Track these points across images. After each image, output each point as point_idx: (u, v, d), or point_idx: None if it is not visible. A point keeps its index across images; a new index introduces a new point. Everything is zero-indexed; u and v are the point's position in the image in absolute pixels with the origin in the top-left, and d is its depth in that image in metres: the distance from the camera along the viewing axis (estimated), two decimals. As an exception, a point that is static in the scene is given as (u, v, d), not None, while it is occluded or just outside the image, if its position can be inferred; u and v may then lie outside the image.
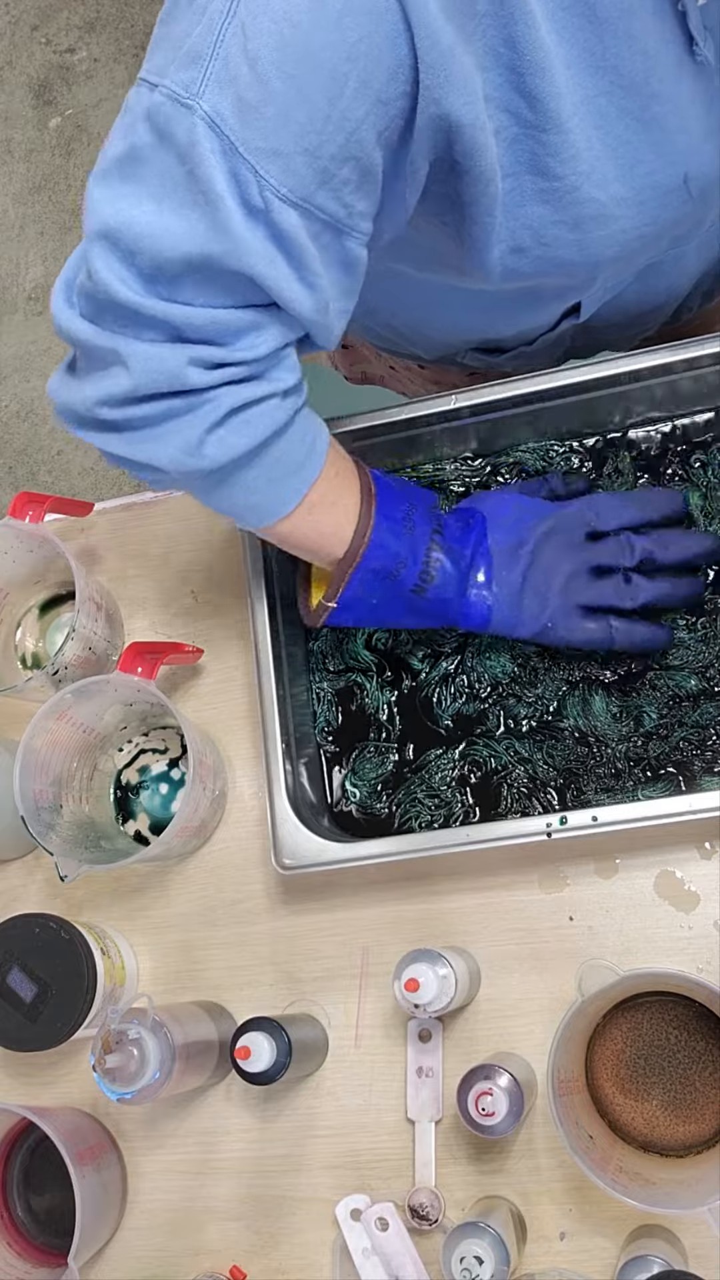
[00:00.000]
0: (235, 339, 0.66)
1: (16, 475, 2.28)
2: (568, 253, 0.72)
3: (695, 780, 0.85)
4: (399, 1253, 0.80)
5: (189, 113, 0.58)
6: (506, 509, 0.86)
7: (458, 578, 0.83)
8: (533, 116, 0.63)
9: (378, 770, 0.92)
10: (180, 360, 0.65)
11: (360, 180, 0.61)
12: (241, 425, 0.69)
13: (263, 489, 0.74)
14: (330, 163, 0.59)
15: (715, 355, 0.86)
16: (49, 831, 0.86)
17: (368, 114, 0.58)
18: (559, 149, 0.65)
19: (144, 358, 0.65)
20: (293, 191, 0.60)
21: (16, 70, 2.55)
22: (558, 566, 0.84)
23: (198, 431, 0.68)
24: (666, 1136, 0.80)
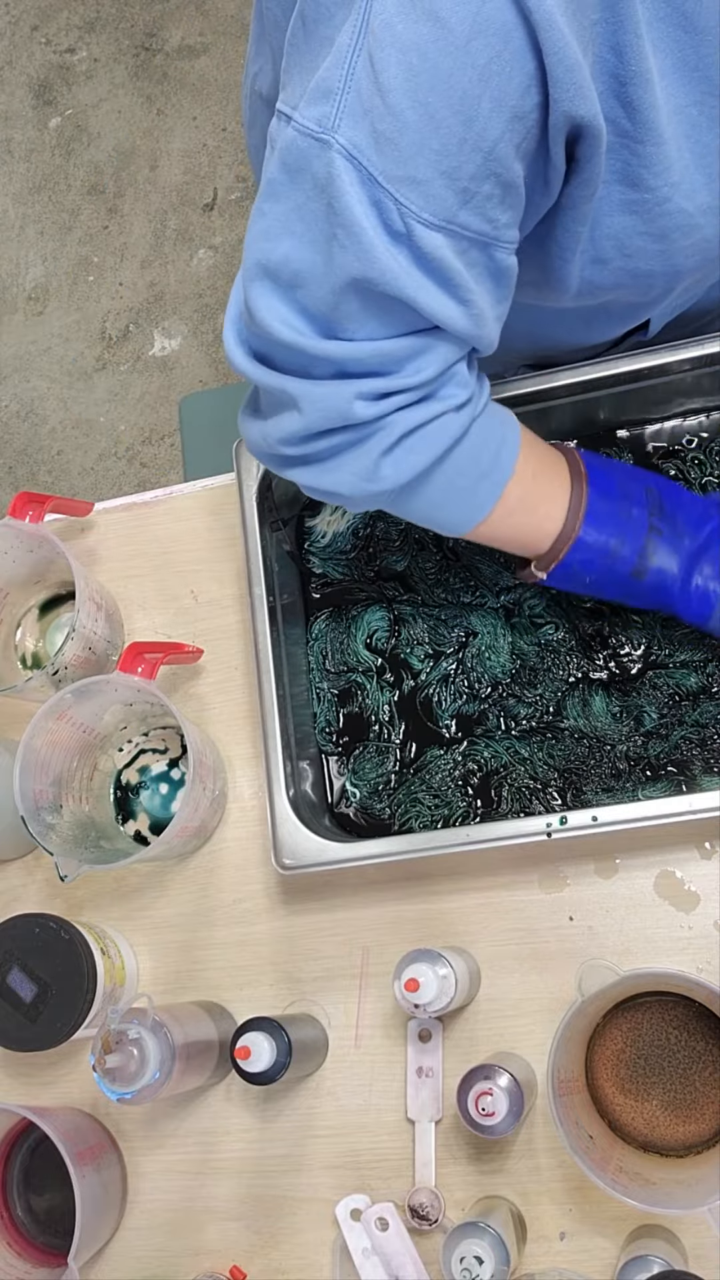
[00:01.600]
0: (400, 367, 0.67)
1: (16, 475, 2.28)
2: (650, 264, 0.72)
3: (695, 780, 0.85)
4: (399, 1253, 0.80)
5: (325, 147, 0.59)
6: None
7: (680, 567, 0.80)
8: (630, 126, 0.63)
9: (378, 770, 0.92)
10: (347, 396, 0.66)
11: (503, 194, 0.61)
12: (416, 444, 0.70)
13: (451, 500, 0.75)
14: (470, 182, 0.59)
15: (715, 355, 0.86)
16: (49, 831, 0.86)
17: (504, 130, 0.58)
18: (653, 160, 0.65)
19: (312, 397, 0.66)
20: (435, 215, 0.60)
21: (16, 70, 2.55)
22: None
23: (372, 457, 0.69)
24: (666, 1136, 0.80)
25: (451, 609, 0.93)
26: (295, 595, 0.96)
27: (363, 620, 0.95)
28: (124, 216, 2.39)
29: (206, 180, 2.38)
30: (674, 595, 0.81)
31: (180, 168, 2.39)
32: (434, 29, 0.56)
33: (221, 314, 2.29)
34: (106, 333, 2.33)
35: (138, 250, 2.36)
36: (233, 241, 2.32)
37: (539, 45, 0.56)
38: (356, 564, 0.97)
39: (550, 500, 0.78)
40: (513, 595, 0.92)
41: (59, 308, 2.37)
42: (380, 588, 0.96)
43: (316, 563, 0.98)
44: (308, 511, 0.99)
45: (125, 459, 2.24)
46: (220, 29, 2.46)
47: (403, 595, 0.95)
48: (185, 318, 2.30)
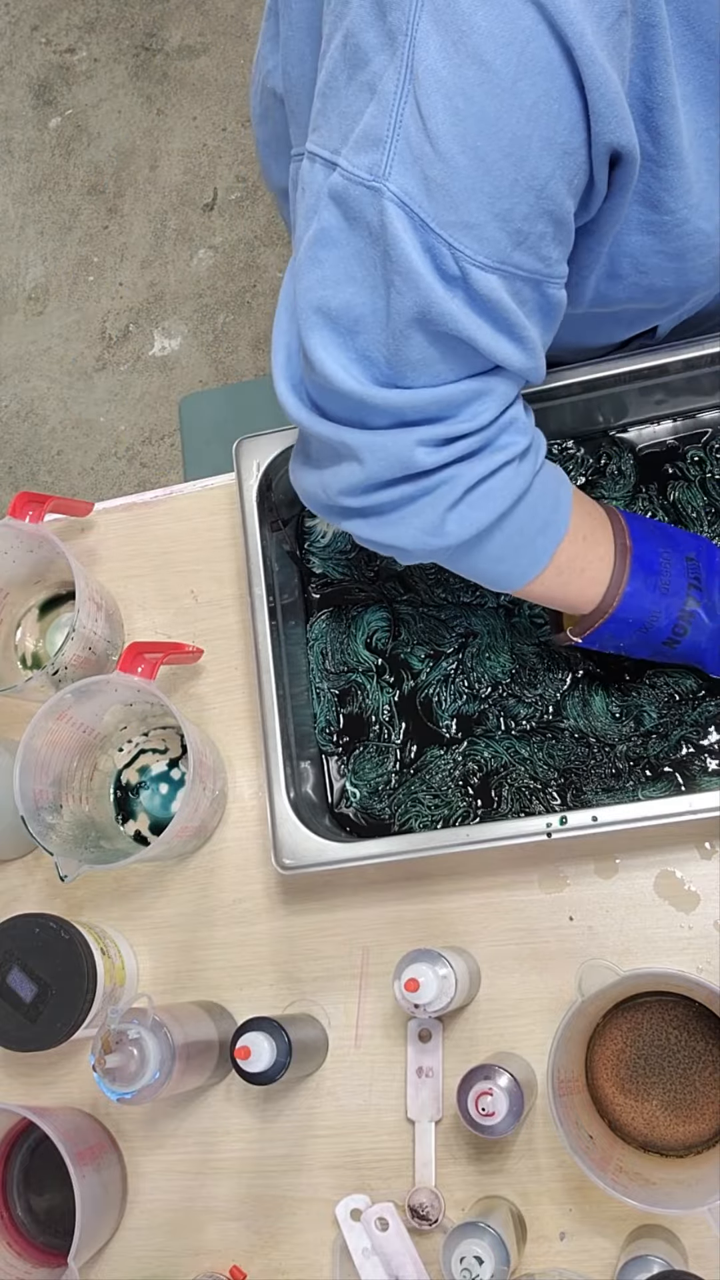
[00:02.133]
0: (458, 411, 0.66)
1: (16, 475, 2.28)
2: (664, 280, 0.72)
3: (695, 779, 0.85)
4: (399, 1253, 0.80)
5: (377, 195, 0.59)
6: None
7: (713, 629, 0.81)
8: (654, 150, 0.63)
9: (378, 770, 0.92)
10: (408, 445, 0.66)
11: (556, 231, 0.62)
12: (482, 499, 0.69)
13: (509, 556, 0.74)
14: (524, 223, 0.60)
15: (714, 355, 0.86)
16: (49, 831, 0.86)
17: (555, 168, 0.59)
18: (674, 183, 0.65)
19: (373, 447, 0.66)
20: (489, 258, 0.60)
21: (16, 70, 2.55)
22: None
23: (438, 512, 0.69)
24: (666, 1136, 0.80)
25: (451, 609, 0.93)
26: (295, 595, 0.96)
27: (363, 620, 0.95)
28: (124, 216, 2.39)
29: (206, 180, 2.38)
30: (707, 656, 0.82)
31: (180, 168, 2.40)
32: (479, 72, 0.55)
33: (221, 314, 2.29)
34: (106, 333, 2.33)
35: (138, 250, 2.36)
36: (232, 241, 2.32)
37: (582, 81, 0.56)
38: (356, 564, 0.97)
39: (597, 564, 0.78)
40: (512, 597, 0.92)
41: (59, 308, 2.37)
42: (380, 588, 0.96)
43: (316, 563, 0.98)
44: (308, 512, 0.99)
45: (125, 459, 2.24)
46: (220, 29, 2.46)
47: (403, 595, 0.95)
48: (185, 318, 2.30)
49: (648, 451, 0.93)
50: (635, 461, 0.93)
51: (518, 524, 0.72)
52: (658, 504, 0.92)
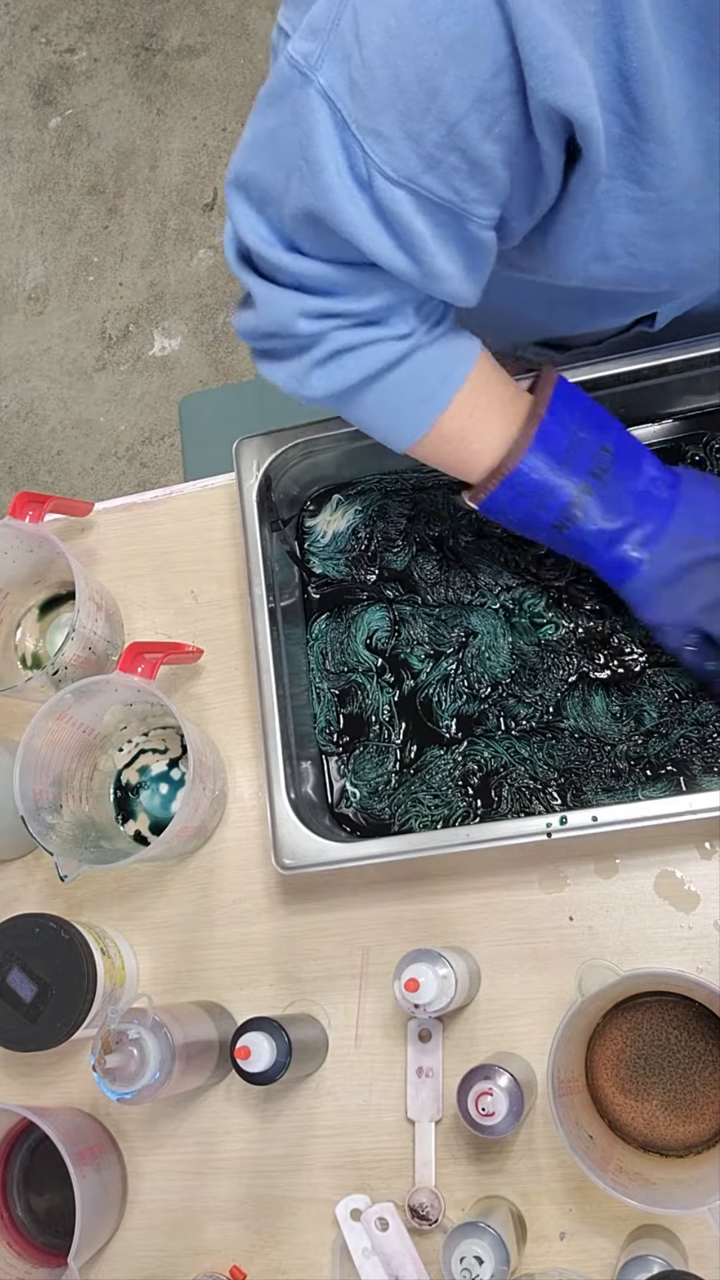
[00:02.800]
0: (345, 293, 0.70)
1: (16, 475, 2.28)
2: (655, 265, 0.72)
3: (695, 779, 0.85)
4: (399, 1253, 0.80)
5: (307, 82, 0.61)
6: (708, 500, 0.82)
7: (606, 530, 0.80)
8: (635, 123, 0.62)
9: (378, 770, 0.92)
10: (292, 310, 0.70)
11: (471, 170, 0.62)
12: (349, 361, 0.73)
13: (384, 418, 0.78)
14: (435, 150, 0.61)
15: (714, 355, 0.86)
16: (49, 831, 0.86)
17: (470, 110, 0.59)
18: (659, 159, 0.64)
19: (266, 301, 0.71)
20: (396, 172, 0.61)
21: (16, 70, 2.55)
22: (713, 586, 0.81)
23: (305, 366, 0.73)
24: (666, 1136, 0.80)
25: (451, 609, 0.93)
26: (295, 595, 0.96)
27: (363, 620, 0.95)
28: (124, 216, 2.39)
29: (206, 180, 2.38)
30: (594, 555, 0.82)
31: (180, 168, 2.40)
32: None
33: (221, 314, 2.29)
34: (106, 333, 2.33)
35: (138, 250, 2.36)
36: (233, 241, 2.32)
37: (513, 31, 0.56)
38: (356, 564, 0.97)
39: (488, 438, 0.79)
40: (513, 595, 0.92)
41: (59, 308, 2.37)
42: (380, 588, 0.96)
43: (316, 563, 0.98)
44: (308, 511, 0.99)
45: (125, 459, 2.24)
46: (220, 29, 2.46)
47: (403, 595, 0.95)
48: (185, 318, 2.30)
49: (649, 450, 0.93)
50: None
51: (389, 389, 0.76)
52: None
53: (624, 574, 0.82)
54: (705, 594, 0.81)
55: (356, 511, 0.98)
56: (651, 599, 0.82)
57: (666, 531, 0.81)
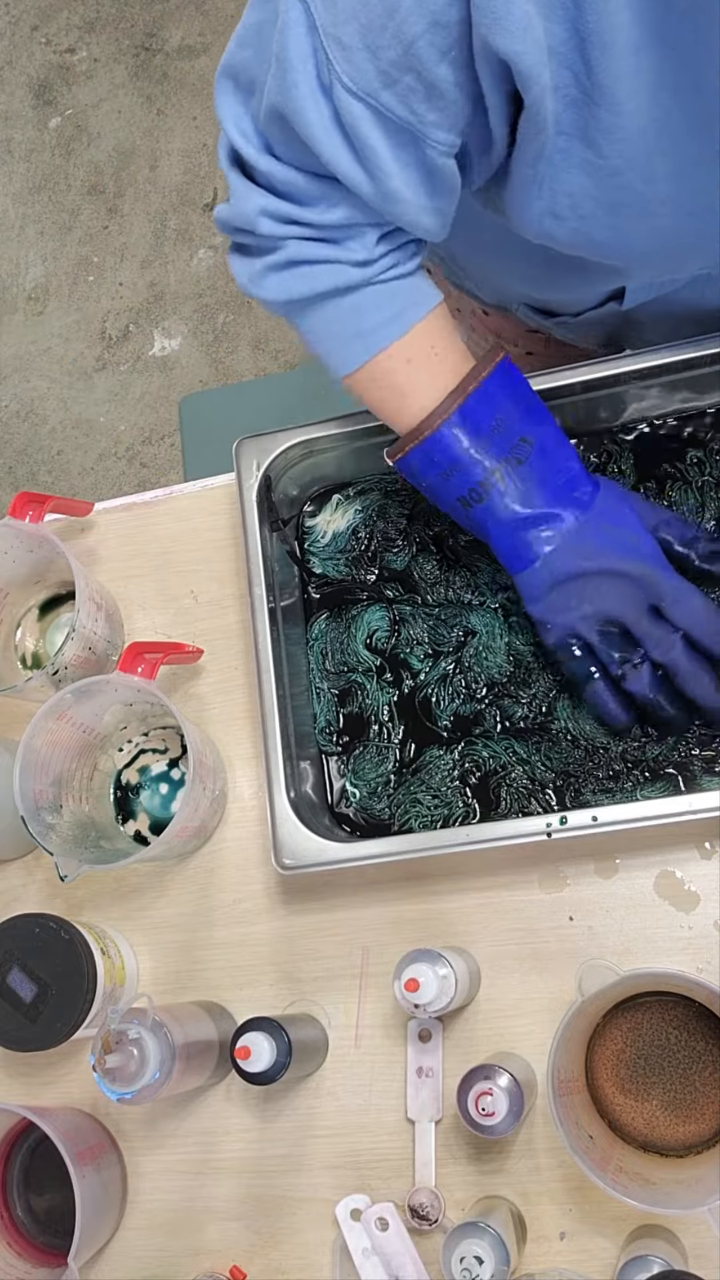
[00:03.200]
0: (311, 202, 0.71)
1: (16, 475, 2.28)
2: (602, 234, 0.72)
3: (695, 780, 0.85)
4: (399, 1253, 0.80)
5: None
6: (621, 516, 0.82)
7: (512, 516, 0.81)
8: (588, 84, 0.62)
9: (377, 770, 0.92)
10: (255, 206, 0.72)
11: (427, 93, 0.63)
12: (301, 275, 0.75)
13: (324, 342, 0.79)
14: (391, 68, 0.62)
15: (715, 356, 0.87)
16: (49, 831, 0.86)
17: (424, 32, 0.60)
18: (609, 127, 0.64)
19: (236, 195, 0.73)
20: (355, 84, 0.63)
21: (16, 70, 2.55)
22: (607, 599, 0.82)
23: (260, 266, 0.75)
24: (666, 1136, 0.80)
25: (451, 608, 0.93)
26: (295, 595, 0.96)
27: (363, 620, 0.95)
28: (124, 216, 2.40)
29: (206, 180, 2.38)
30: (495, 538, 0.83)
31: (180, 168, 2.40)
32: None
33: (221, 314, 2.29)
34: (106, 333, 2.33)
35: (138, 250, 2.36)
36: (233, 241, 2.32)
37: None
38: (356, 564, 0.97)
39: (417, 394, 0.80)
40: (510, 593, 0.92)
41: (59, 308, 2.37)
42: (380, 587, 0.96)
43: (316, 563, 0.98)
44: (308, 511, 0.99)
45: (125, 459, 2.24)
46: (220, 29, 2.46)
47: (403, 595, 0.95)
48: (185, 318, 2.30)
49: (648, 450, 0.93)
50: (635, 461, 0.93)
51: (335, 314, 0.77)
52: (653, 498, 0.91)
53: (519, 564, 0.83)
54: (591, 604, 0.82)
55: (356, 511, 0.98)
56: (539, 595, 0.83)
57: (571, 533, 0.81)
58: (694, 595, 0.82)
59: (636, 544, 0.82)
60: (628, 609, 0.82)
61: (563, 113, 0.63)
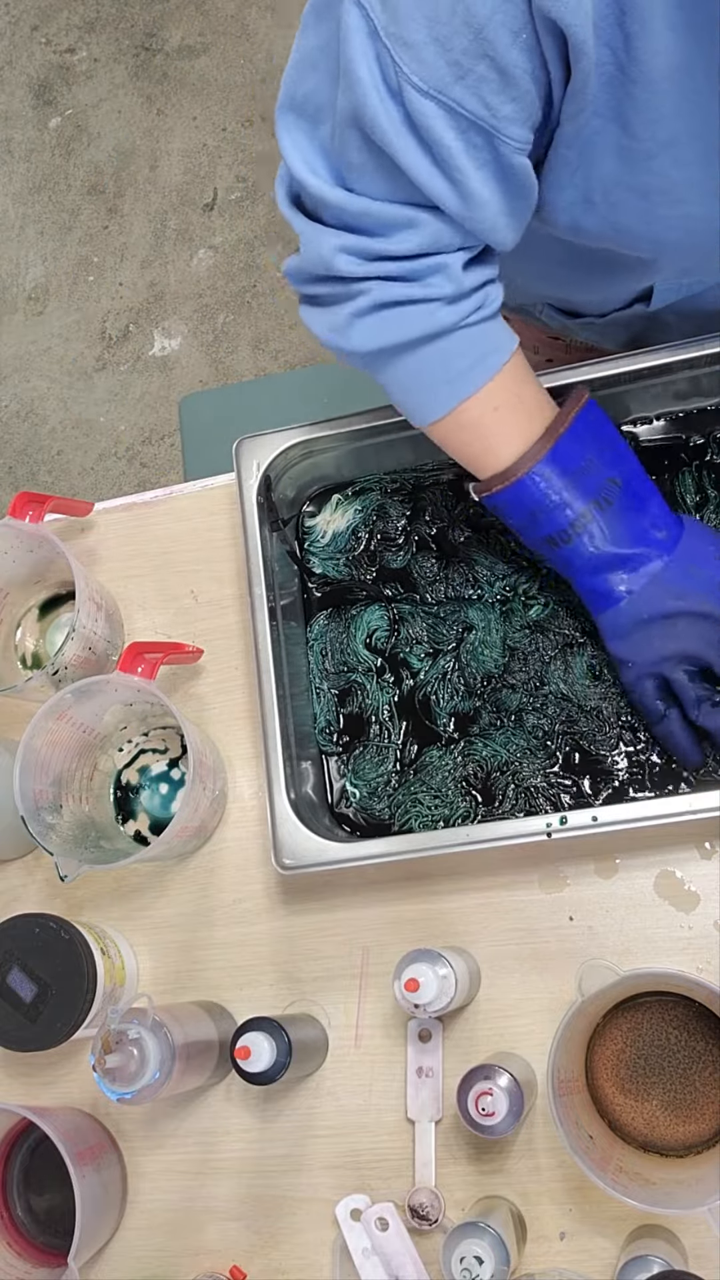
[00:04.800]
0: (388, 231, 0.69)
1: (16, 475, 2.28)
2: (632, 221, 0.71)
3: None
4: (399, 1253, 0.80)
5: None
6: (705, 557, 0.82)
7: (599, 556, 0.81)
8: (626, 60, 0.62)
9: (378, 770, 0.92)
10: (333, 246, 0.70)
11: (501, 81, 0.61)
12: (391, 320, 0.73)
13: (412, 389, 0.78)
14: (463, 57, 0.60)
15: (715, 356, 0.87)
16: (49, 831, 0.86)
17: (494, 11, 0.59)
18: (643, 106, 0.63)
19: (308, 239, 0.71)
20: (425, 81, 0.61)
21: (16, 70, 2.55)
22: (690, 639, 0.82)
23: (346, 315, 0.73)
24: (666, 1136, 0.80)
25: (450, 605, 0.93)
26: (295, 595, 0.96)
27: (362, 620, 0.95)
28: (124, 216, 2.40)
29: (206, 180, 2.38)
30: (580, 577, 0.83)
31: (180, 168, 2.40)
32: None
33: (221, 314, 2.29)
34: (106, 333, 2.33)
35: (138, 250, 2.36)
36: (232, 241, 2.32)
37: None
38: (356, 563, 0.97)
39: (504, 440, 0.79)
40: (508, 582, 0.92)
41: (59, 308, 2.37)
42: (380, 587, 0.96)
43: (316, 563, 0.98)
44: (308, 511, 0.99)
45: (125, 459, 2.24)
46: (220, 29, 2.46)
47: (402, 594, 0.95)
48: (185, 318, 2.30)
49: (649, 449, 0.93)
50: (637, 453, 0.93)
51: (424, 362, 0.75)
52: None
53: (604, 603, 0.83)
54: (674, 644, 0.82)
55: (356, 511, 0.98)
56: (623, 634, 0.83)
57: (657, 574, 0.81)
58: None
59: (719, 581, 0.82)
60: (710, 649, 0.82)
61: (599, 92, 0.63)
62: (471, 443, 0.80)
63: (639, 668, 0.84)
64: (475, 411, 0.78)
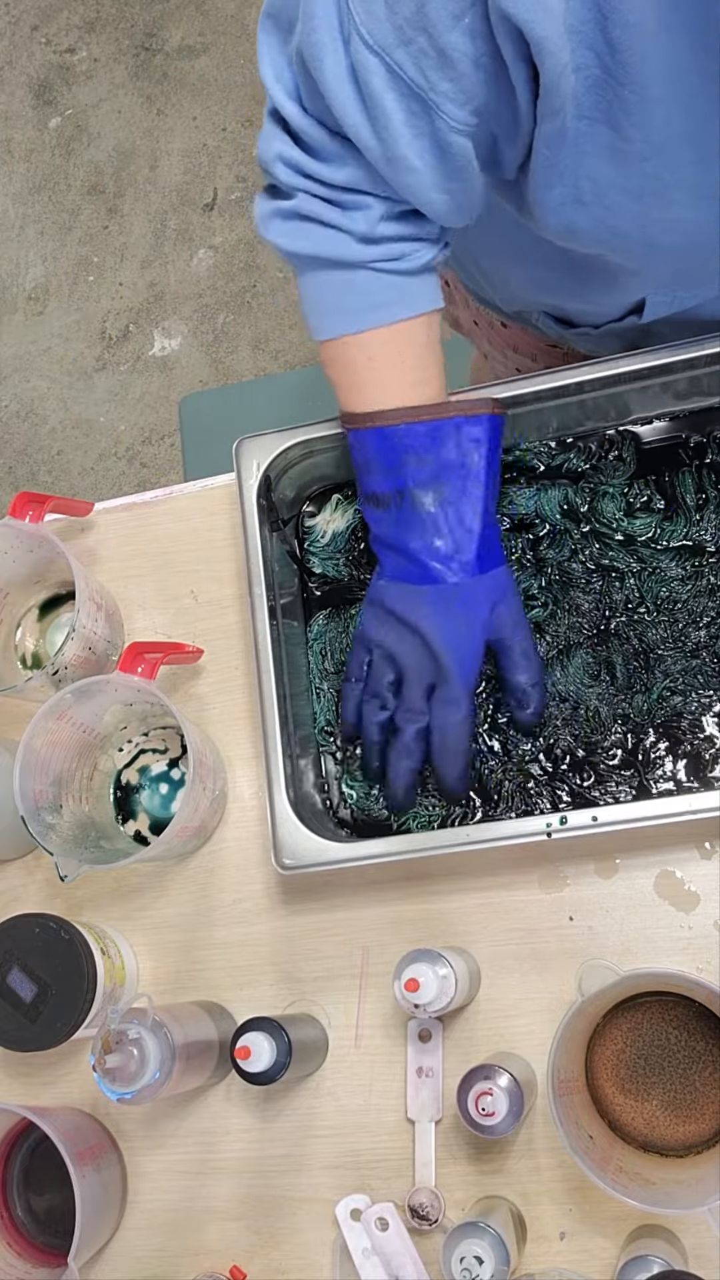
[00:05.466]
0: (325, 158, 0.72)
1: (16, 475, 2.28)
2: (626, 224, 0.71)
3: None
4: (399, 1253, 0.80)
5: None
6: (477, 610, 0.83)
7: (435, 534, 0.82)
8: (613, 65, 0.61)
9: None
10: (274, 151, 0.73)
11: (439, 59, 0.62)
12: (305, 231, 0.75)
13: (312, 304, 0.80)
14: (405, 25, 0.61)
15: (714, 356, 0.86)
16: (49, 831, 0.86)
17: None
18: (634, 109, 0.63)
19: (262, 135, 0.74)
20: (371, 36, 0.63)
21: (16, 70, 2.55)
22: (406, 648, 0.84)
23: (269, 209, 0.76)
24: (666, 1136, 0.80)
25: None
26: (295, 595, 0.96)
27: (363, 620, 0.95)
28: (124, 216, 2.40)
29: (206, 180, 2.38)
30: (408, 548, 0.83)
31: (180, 168, 2.40)
32: None
33: (221, 314, 2.29)
34: (106, 333, 2.33)
35: (138, 250, 2.36)
36: (232, 241, 2.32)
37: None
38: (356, 564, 0.97)
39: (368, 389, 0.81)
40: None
41: (59, 308, 2.37)
42: (380, 588, 0.96)
43: (316, 562, 0.98)
44: (307, 511, 0.99)
45: (125, 459, 2.24)
46: (220, 29, 2.46)
47: (403, 595, 0.95)
48: (185, 318, 2.30)
49: (650, 448, 0.93)
50: (638, 452, 0.93)
51: (327, 283, 0.78)
52: (654, 490, 0.92)
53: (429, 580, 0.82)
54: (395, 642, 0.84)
55: (356, 511, 0.98)
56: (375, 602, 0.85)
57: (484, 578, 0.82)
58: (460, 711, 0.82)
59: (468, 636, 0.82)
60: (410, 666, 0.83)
61: (584, 95, 0.63)
62: (340, 377, 0.82)
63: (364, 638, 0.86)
64: (354, 351, 0.80)
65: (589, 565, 0.92)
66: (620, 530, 0.92)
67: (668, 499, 0.92)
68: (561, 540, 0.92)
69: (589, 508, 0.93)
